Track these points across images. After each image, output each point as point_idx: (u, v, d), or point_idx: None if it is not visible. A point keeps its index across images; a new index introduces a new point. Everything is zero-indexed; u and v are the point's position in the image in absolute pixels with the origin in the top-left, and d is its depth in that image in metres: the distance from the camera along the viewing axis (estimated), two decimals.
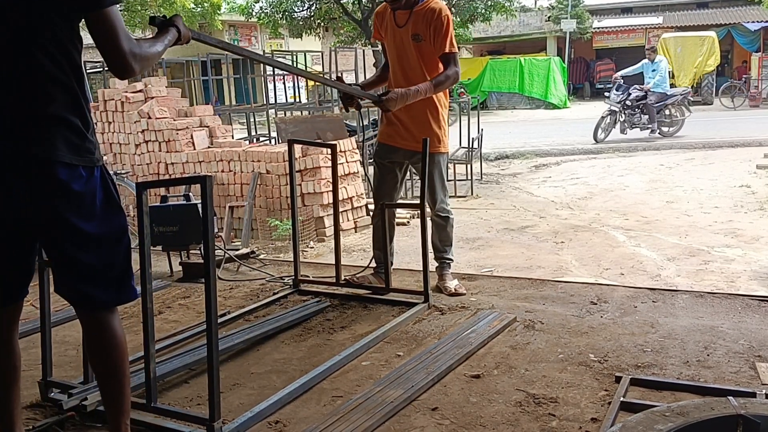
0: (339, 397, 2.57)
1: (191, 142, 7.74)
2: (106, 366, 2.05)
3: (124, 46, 1.87)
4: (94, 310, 2.01)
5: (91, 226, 1.94)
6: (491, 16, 17.60)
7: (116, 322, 2.04)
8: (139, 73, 1.96)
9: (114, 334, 2.03)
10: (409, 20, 3.57)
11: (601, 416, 2.31)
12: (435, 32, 3.50)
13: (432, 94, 3.54)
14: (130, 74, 1.94)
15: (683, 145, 12.80)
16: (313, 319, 3.46)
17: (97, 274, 1.98)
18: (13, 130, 1.85)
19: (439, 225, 3.87)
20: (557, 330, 3.14)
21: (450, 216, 3.86)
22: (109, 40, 1.86)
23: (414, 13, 3.56)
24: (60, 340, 3.31)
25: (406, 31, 3.59)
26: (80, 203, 1.91)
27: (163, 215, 4.53)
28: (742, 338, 2.94)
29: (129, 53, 1.88)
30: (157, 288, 4.17)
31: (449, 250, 3.90)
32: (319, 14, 16.09)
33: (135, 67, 1.91)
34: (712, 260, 5.37)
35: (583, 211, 7.76)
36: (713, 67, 21.53)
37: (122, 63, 1.88)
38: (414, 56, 3.60)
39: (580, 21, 25.90)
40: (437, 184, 3.76)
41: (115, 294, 2.03)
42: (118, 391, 2.06)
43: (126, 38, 1.88)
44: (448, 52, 3.52)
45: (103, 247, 1.98)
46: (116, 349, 2.03)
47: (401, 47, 3.64)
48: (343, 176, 7.06)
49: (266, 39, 24.10)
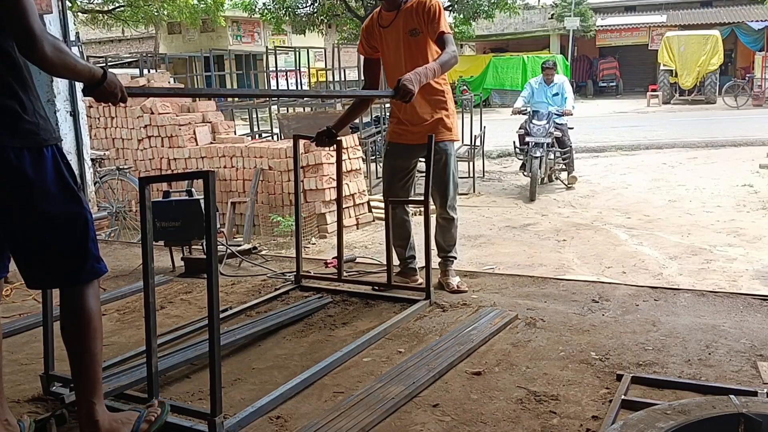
0: (340, 393, 2.57)
1: (194, 138, 7.75)
2: (74, 342, 2.05)
3: (33, 23, 1.80)
4: (56, 288, 2.05)
5: (43, 206, 1.95)
6: (494, 14, 17.57)
7: (86, 299, 2.04)
8: (50, 59, 1.82)
9: (81, 311, 2.03)
10: (399, 19, 3.55)
11: (602, 414, 2.30)
12: (429, 20, 3.48)
13: (441, 74, 3.48)
14: (38, 53, 1.81)
15: (686, 144, 12.79)
16: (315, 315, 3.46)
17: (55, 253, 2.00)
18: None
19: (443, 227, 3.82)
20: (559, 328, 3.14)
21: (455, 217, 3.83)
22: (14, 16, 1.79)
23: (402, 11, 3.54)
24: None
25: (398, 30, 3.56)
26: (27, 183, 1.93)
27: (165, 210, 4.53)
28: (743, 337, 2.94)
29: (39, 31, 1.80)
30: (159, 283, 4.17)
31: (453, 248, 3.89)
32: (323, 11, 16.08)
33: (46, 48, 1.80)
34: (714, 259, 5.37)
35: (585, 209, 7.76)
36: (716, 66, 21.49)
37: (30, 39, 1.79)
38: (411, 52, 3.58)
39: (584, 19, 25.87)
40: (449, 177, 3.71)
41: (74, 273, 2.03)
42: (86, 369, 2.06)
43: (36, 19, 1.81)
44: (443, 32, 3.47)
45: (58, 226, 1.99)
46: (83, 326, 2.04)
47: (398, 49, 3.61)
48: (346, 173, 7.06)
49: (269, 35, 24.10)
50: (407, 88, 3.19)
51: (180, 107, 8.11)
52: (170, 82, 9.37)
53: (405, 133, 3.73)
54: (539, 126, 8.69)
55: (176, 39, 25.60)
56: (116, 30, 20.57)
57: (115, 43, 26.04)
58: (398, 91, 3.23)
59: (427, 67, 3.35)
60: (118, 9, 17.81)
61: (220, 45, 21.91)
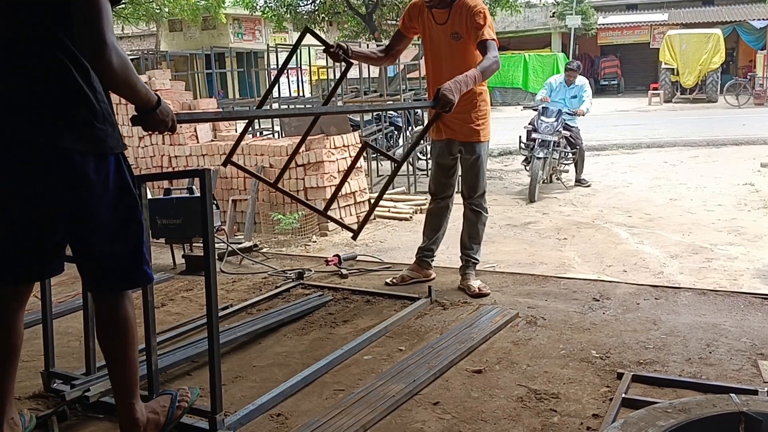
0: (341, 391, 2.57)
1: (195, 136, 7.74)
2: (113, 347, 2.07)
3: (106, 29, 1.79)
4: (105, 293, 2.05)
5: (100, 212, 1.97)
6: (496, 11, 17.54)
7: (125, 306, 2.06)
8: (114, 69, 1.80)
9: (122, 318, 2.05)
10: (449, 19, 3.52)
11: (603, 412, 2.31)
12: (473, 25, 3.44)
13: (482, 80, 3.42)
14: (105, 60, 1.79)
15: (687, 142, 12.77)
16: (316, 313, 3.47)
17: (107, 258, 2.02)
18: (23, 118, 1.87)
19: (470, 219, 3.82)
20: (559, 326, 3.14)
21: (484, 213, 3.84)
22: (88, 22, 1.79)
23: (452, 11, 3.51)
24: (63, 331, 3.32)
25: (445, 30, 3.54)
26: (88, 188, 1.94)
27: (166, 208, 4.53)
28: (744, 336, 2.94)
29: (110, 38, 1.80)
30: (160, 280, 4.18)
31: (477, 248, 3.86)
32: (324, 8, 16.05)
33: (113, 57, 1.79)
34: (715, 258, 5.37)
35: (586, 207, 7.75)
36: (718, 64, 21.43)
37: (100, 44, 1.78)
38: (452, 55, 3.56)
39: (585, 17, 25.82)
40: (480, 173, 3.74)
41: (125, 278, 2.06)
42: (125, 374, 2.08)
43: (109, 27, 1.81)
44: (487, 39, 3.43)
45: (116, 230, 2.01)
46: (124, 333, 2.06)
47: (439, 46, 3.60)
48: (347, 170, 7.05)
49: (270, 33, 24.07)
50: (447, 98, 3.12)
51: (181, 105, 8.10)
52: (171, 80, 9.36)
53: (443, 129, 3.74)
54: (547, 123, 8.57)
55: (177, 36, 25.59)
56: (117, 27, 20.60)
57: (117, 41, 26.07)
58: (438, 101, 3.18)
59: (467, 74, 3.26)
60: (119, 6, 17.80)
61: (222, 42, 21.89)
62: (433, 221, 3.94)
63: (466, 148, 3.71)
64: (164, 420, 2.16)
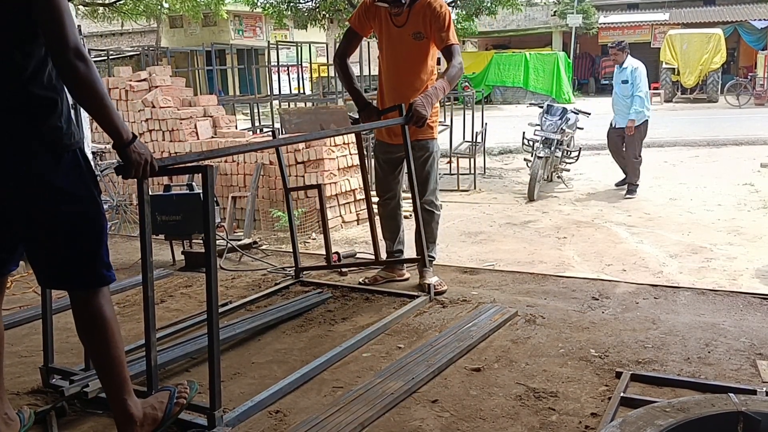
0: (339, 388, 2.57)
1: (195, 132, 7.74)
2: (93, 346, 2.07)
3: (68, 33, 1.78)
4: (72, 291, 2.04)
5: (59, 208, 1.95)
6: (497, 10, 17.55)
7: (99, 305, 2.03)
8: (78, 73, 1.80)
9: (97, 317, 2.03)
10: (408, 20, 3.50)
11: (601, 411, 2.31)
12: (436, 27, 3.44)
13: (450, 89, 3.44)
14: (66, 59, 1.80)
15: (687, 142, 12.77)
16: (315, 310, 3.47)
17: (67, 256, 1.99)
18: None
19: (423, 219, 3.69)
20: (558, 325, 3.14)
21: (437, 211, 3.78)
22: (51, 23, 1.78)
23: (412, 12, 3.49)
24: (62, 326, 3.31)
25: (406, 30, 3.52)
26: (45, 185, 1.92)
27: (166, 204, 4.53)
28: (743, 336, 2.94)
29: (72, 38, 1.79)
30: (160, 277, 4.18)
31: (432, 247, 3.80)
32: (324, 6, 16.06)
33: (75, 59, 1.79)
34: (715, 258, 5.37)
35: (586, 206, 7.75)
36: (719, 64, 21.43)
37: (61, 42, 1.78)
38: (412, 55, 3.54)
39: (586, 16, 25.82)
40: (432, 171, 3.68)
41: (77, 278, 2.03)
42: (110, 372, 2.06)
43: (71, 27, 1.80)
44: (451, 44, 3.45)
45: (72, 229, 1.98)
46: (101, 331, 2.03)
47: (399, 46, 3.57)
48: (346, 168, 7.06)
49: (271, 30, 24.05)
50: (420, 114, 3.11)
51: (181, 101, 8.11)
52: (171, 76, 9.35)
53: (390, 131, 3.68)
54: (551, 122, 8.56)
55: (178, 33, 25.56)
56: (117, 23, 20.53)
57: (117, 37, 25.98)
58: (410, 117, 3.16)
59: (436, 86, 3.29)
60: (119, 2, 17.77)
61: (222, 39, 21.86)
62: (390, 224, 3.90)
63: (419, 145, 3.60)
64: (162, 416, 2.15)
